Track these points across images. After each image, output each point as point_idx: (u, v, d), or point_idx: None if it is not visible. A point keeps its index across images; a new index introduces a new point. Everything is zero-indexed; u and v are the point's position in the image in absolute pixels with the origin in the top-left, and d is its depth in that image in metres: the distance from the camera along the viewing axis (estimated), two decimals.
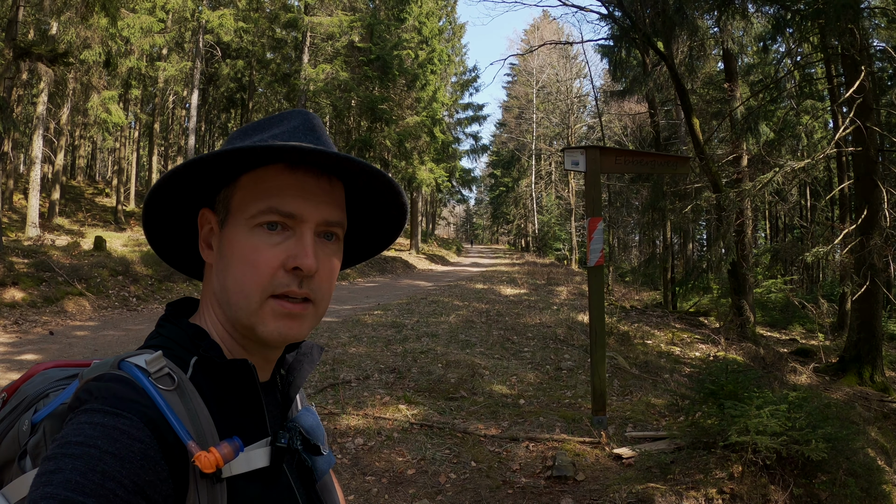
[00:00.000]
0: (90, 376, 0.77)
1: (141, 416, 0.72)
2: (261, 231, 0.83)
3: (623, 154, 6.47)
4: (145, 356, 0.79)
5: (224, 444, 0.76)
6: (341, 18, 26.40)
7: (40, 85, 19.07)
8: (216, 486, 0.76)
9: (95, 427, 0.69)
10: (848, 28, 9.21)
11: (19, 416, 0.87)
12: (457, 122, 45.97)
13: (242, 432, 0.83)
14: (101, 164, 45.71)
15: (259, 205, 0.83)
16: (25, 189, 21.05)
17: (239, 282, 0.83)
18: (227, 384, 0.84)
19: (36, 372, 0.95)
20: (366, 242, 1.06)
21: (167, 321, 0.90)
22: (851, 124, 9.83)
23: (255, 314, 0.83)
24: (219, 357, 0.84)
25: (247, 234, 0.83)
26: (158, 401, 0.74)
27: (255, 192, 0.84)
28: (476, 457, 5.09)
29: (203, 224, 0.91)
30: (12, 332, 9.66)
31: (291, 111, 0.91)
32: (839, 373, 10.13)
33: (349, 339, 9.41)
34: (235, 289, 0.84)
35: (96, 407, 0.72)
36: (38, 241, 16.04)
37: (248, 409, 0.86)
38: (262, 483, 0.82)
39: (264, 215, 0.83)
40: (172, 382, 0.78)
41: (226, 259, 0.85)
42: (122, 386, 0.74)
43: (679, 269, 20.45)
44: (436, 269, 31.68)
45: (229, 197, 0.87)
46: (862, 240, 9.74)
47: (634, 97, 21.56)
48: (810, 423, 3.80)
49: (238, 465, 0.79)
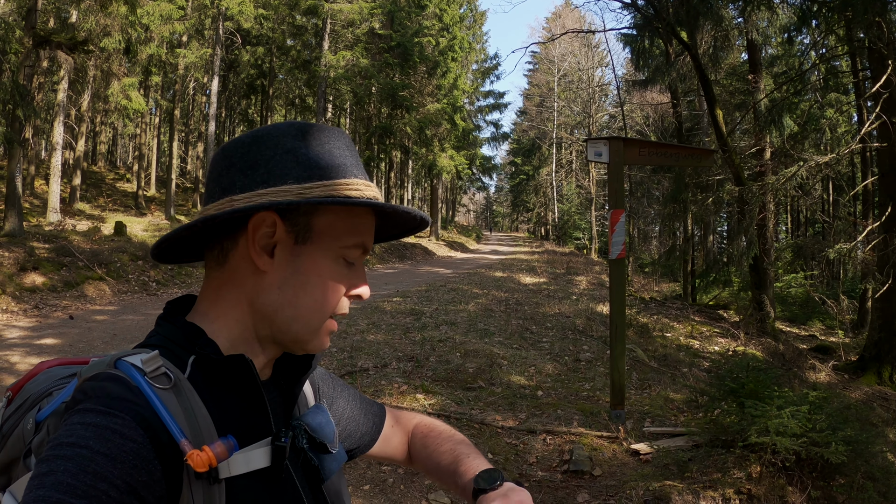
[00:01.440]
0: (86, 375, 0.78)
1: (134, 415, 0.72)
2: (343, 260, 0.89)
3: (647, 146, 6.41)
4: (141, 355, 0.79)
5: (218, 442, 0.76)
6: (361, 5, 26.33)
7: (60, 72, 19.19)
8: (213, 486, 0.76)
9: (88, 427, 0.69)
10: (875, 21, 9.04)
11: (24, 415, 0.87)
12: (477, 110, 45.86)
13: (244, 430, 0.82)
14: (122, 150, 46.08)
15: (354, 239, 0.89)
16: (47, 175, 21.24)
17: (317, 302, 0.88)
18: (226, 382, 0.84)
19: (40, 370, 0.95)
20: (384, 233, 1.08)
21: (164, 320, 0.90)
22: (877, 119, 9.65)
23: (315, 332, 0.89)
24: (214, 353, 0.84)
25: (333, 260, 0.88)
26: (153, 400, 0.74)
27: (348, 224, 0.89)
28: (493, 448, 5.10)
29: (259, 227, 0.86)
30: (33, 316, 9.79)
31: (321, 126, 0.92)
32: (858, 371, 10.01)
33: (367, 327, 9.43)
34: (310, 307, 0.88)
35: (90, 407, 0.72)
36: (59, 226, 16.21)
37: (250, 408, 0.86)
38: (262, 483, 0.82)
39: (355, 249, 0.90)
40: (169, 381, 0.78)
41: (303, 277, 0.87)
42: (117, 385, 0.75)
43: (699, 262, 20.27)
44: (455, 257, 31.67)
45: (311, 215, 0.87)
46: (885, 237, 9.59)
47: (657, 87, 21.39)
48: (830, 424, 3.77)
49: (237, 465, 0.79)
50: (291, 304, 0.87)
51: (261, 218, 0.86)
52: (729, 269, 14.67)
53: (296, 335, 0.88)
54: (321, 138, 0.89)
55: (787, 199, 22.13)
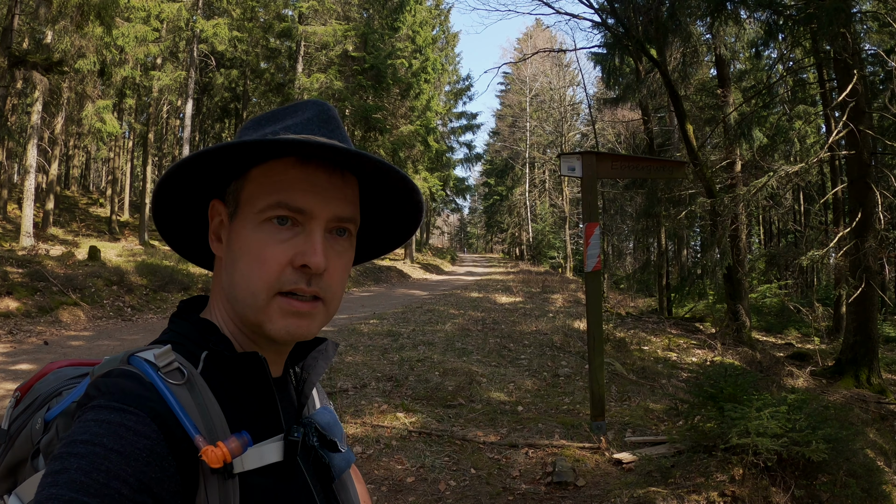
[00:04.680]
0: (100, 372, 0.77)
1: (148, 411, 0.71)
2: (269, 226, 0.81)
3: (619, 159, 6.49)
4: (154, 350, 0.78)
5: (232, 438, 0.75)
6: (335, 28, 26.46)
7: (35, 94, 19.03)
8: (228, 481, 0.74)
9: (101, 424, 0.68)
10: (840, 32, 9.27)
11: (33, 415, 0.86)
12: (451, 131, 46.05)
13: (255, 427, 0.81)
14: (96, 174, 45.62)
15: (268, 199, 0.81)
16: (20, 199, 21.00)
17: (246, 277, 0.81)
18: (239, 378, 0.83)
19: (50, 370, 0.94)
20: (381, 238, 1.04)
21: (178, 317, 0.89)
22: (844, 128, 9.88)
23: (262, 311, 0.81)
24: (228, 351, 0.83)
25: (255, 229, 0.82)
26: (167, 395, 0.73)
27: (264, 185, 0.82)
28: (475, 464, 5.07)
29: (213, 216, 0.89)
30: (7, 341, 9.60)
31: (307, 101, 0.90)
32: (836, 376, 10.15)
33: (345, 348, 9.38)
34: (242, 284, 0.82)
35: (103, 403, 0.71)
36: (33, 251, 15.94)
37: (260, 405, 0.84)
38: (275, 478, 0.81)
39: (273, 210, 0.81)
40: (182, 377, 0.77)
41: (233, 253, 0.84)
42: (130, 381, 0.74)
43: (674, 276, 20.48)
44: (431, 279, 31.65)
45: (239, 189, 0.85)
46: (856, 242, 9.77)
47: (628, 104, 21.69)
48: (810, 424, 3.80)
49: (250, 459, 0.77)
50: (230, 284, 0.84)
51: (213, 208, 0.89)
52: (703, 282, 14.81)
53: (244, 317, 0.84)
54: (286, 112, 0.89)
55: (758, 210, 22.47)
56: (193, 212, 0.94)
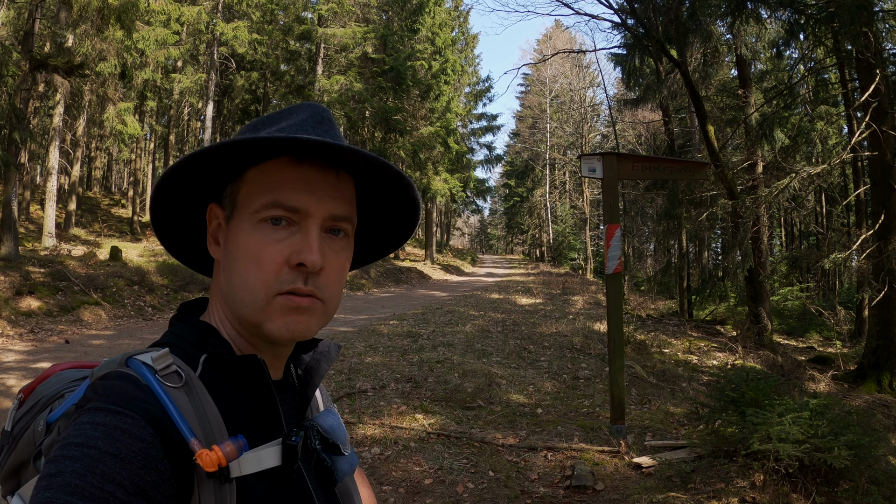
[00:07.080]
0: (98, 375, 0.77)
1: (143, 413, 0.71)
2: (265, 226, 0.82)
3: (640, 160, 6.45)
4: (152, 353, 0.78)
5: (227, 442, 0.75)
6: (355, 30, 26.56)
7: (56, 97, 19.28)
8: (224, 486, 0.74)
9: (97, 427, 0.69)
10: (862, 31, 9.14)
11: (35, 417, 0.86)
12: (471, 133, 46.09)
13: (255, 431, 0.81)
14: (118, 176, 46.11)
15: (263, 199, 0.82)
16: (42, 200, 21.26)
17: (244, 279, 0.82)
18: (238, 381, 0.83)
19: (52, 373, 0.95)
20: (381, 240, 1.04)
21: (178, 320, 0.90)
22: (867, 129, 9.74)
23: (262, 311, 0.81)
24: (227, 353, 0.83)
25: (251, 230, 0.82)
26: (163, 398, 0.73)
27: (259, 186, 0.83)
28: (494, 466, 5.06)
29: (211, 219, 0.90)
30: (29, 340, 9.74)
31: (302, 104, 0.90)
32: (858, 380, 10.01)
33: (365, 349, 9.41)
34: (241, 285, 0.82)
35: (99, 405, 0.71)
36: (55, 251, 16.16)
37: (261, 408, 0.84)
38: (273, 483, 0.80)
39: (268, 210, 0.81)
40: (180, 380, 0.77)
41: (231, 255, 0.84)
42: (127, 383, 0.74)
43: (695, 278, 20.30)
44: (451, 280, 31.66)
45: (236, 192, 0.86)
46: (879, 245, 9.63)
47: (648, 105, 21.50)
48: (833, 430, 3.76)
49: (248, 464, 0.77)
50: (229, 286, 0.85)
51: (210, 211, 0.89)
52: (725, 284, 14.67)
53: (244, 318, 0.84)
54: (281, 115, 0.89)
55: (780, 212, 22.25)
56: (192, 217, 0.95)
